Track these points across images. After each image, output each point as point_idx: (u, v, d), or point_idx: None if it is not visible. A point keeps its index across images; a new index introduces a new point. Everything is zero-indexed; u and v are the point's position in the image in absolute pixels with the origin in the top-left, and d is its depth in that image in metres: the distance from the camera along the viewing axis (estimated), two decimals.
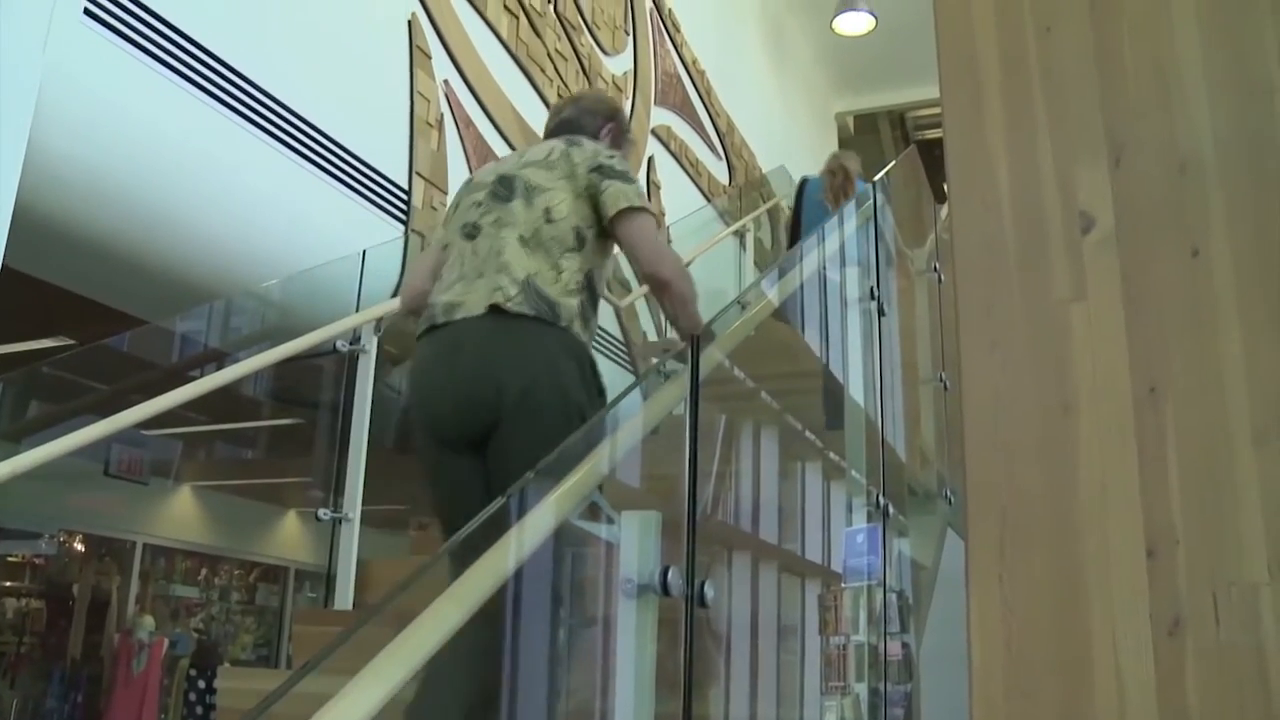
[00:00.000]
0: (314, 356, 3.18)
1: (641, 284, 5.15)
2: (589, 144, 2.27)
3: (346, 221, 3.73)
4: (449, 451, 2.08)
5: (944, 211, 3.77)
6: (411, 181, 4.05)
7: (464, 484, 2.06)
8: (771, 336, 2.85)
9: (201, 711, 6.84)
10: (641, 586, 1.51)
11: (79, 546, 7.73)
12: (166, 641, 7.14)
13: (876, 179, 3.74)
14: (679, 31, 7.09)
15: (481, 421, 2.01)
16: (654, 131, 6.51)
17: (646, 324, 5.68)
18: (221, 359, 3.51)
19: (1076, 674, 1.29)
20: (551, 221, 2.13)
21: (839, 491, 3.14)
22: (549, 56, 5.25)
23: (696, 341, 1.78)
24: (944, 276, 4.03)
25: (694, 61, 7.28)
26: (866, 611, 2.69)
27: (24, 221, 2.61)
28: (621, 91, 6.06)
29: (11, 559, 7.66)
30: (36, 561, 7.69)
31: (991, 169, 1.52)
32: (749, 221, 6.86)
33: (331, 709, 1.04)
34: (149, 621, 7.21)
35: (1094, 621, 1.30)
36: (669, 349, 4.62)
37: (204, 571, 8.64)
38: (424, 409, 2.12)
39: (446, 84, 4.40)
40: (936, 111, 1.66)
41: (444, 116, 4.35)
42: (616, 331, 5.24)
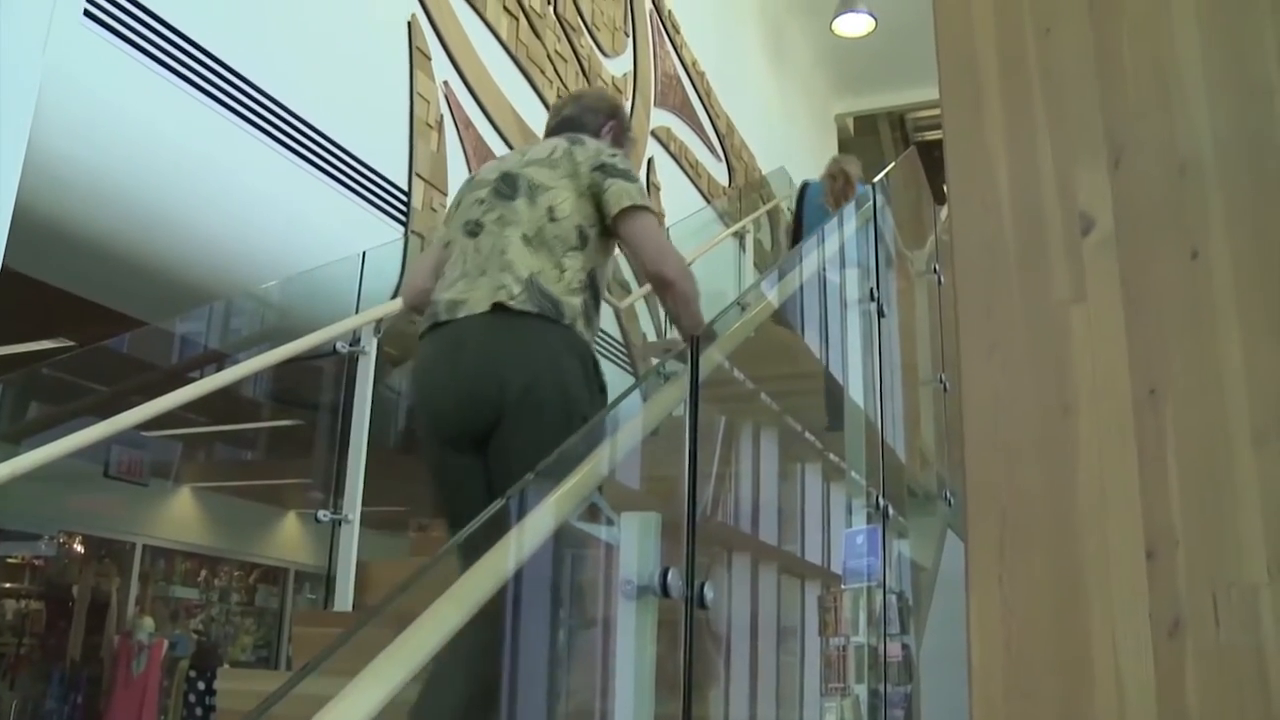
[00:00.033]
0: (314, 358, 3.18)
1: (642, 284, 5.17)
2: (591, 142, 2.27)
3: (346, 223, 3.73)
4: (452, 449, 2.08)
5: (944, 213, 3.77)
6: (411, 183, 4.06)
7: (467, 481, 2.07)
8: (771, 338, 2.85)
9: (201, 713, 6.83)
10: (641, 588, 1.51)
11: (79, 548, 7.73)
12: (166, 643, 7.14)
13: (876, 180, 3.74)
14: (679, 33, 7.09)
15: (484, 419, 2.01)
16: (654, 133, 6.52)
17: (646, 325, 5.68)
18: (221, 360, 3.52)
19: (1076, 675, 1.29)
20: (555, 220, 2.13)
21: (839, 493, 3.14)
22: (549, 58, 5.25)
23: (696, 343, 1.78)
24: (944, 278, 4.03)
25: (694, 63, 7.28)
26: (866, 613, 2.69)
27: (24, 222, 2.61)
28: (621, 93, 6.06)
29: (11, 560, 7.66)
30: (36, 563, 7.69)
31: (991, 170, 1.52)
32: (749, 223, 6.86)
33: (331, 710, 1.04)
34: (149, 623, 7.21)
35: (1094, 622, 1.30)
36: (669, 350, 4.62)
37: (204, 573, 8.64)
38: (426, 406, 2.12)
39: (446, 85, 4.41)
40: (936, 113, 1.66)
41: (444, 118, 4.35)
42: (616, 333, 5.24)
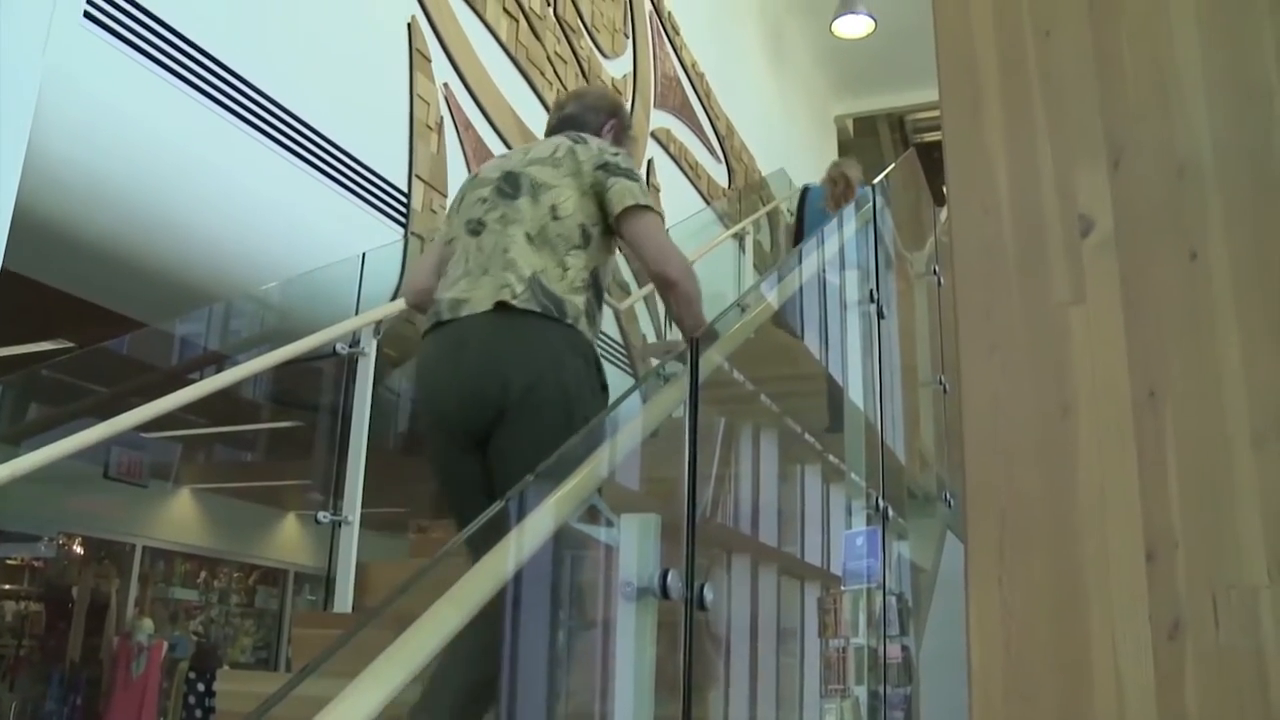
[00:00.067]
0: (313, 359, 3.18)
1: (642, 284, 5.17)
2: (594, 141, 2.27)
3: (346, 224, 3.73)
4: (455, 447, 2.09)
5: (943, 214, 3.77)
6: (411, 184, 4.06)
7: (471, 479, 2.08)
8: (771, 339, 2.85)
9: (201, 714, 6.83)
10: (641, 589, 1.51)
11: (78, 549, 7.73)
12: (166, 644, 7.15)
13: (876, 182, 3.74)
14: (678, 34, 7.09)
15: (486, 417, 2.01)
16: (654, 134, 6.52)
17: (646, 326, 5.68)
18: (221, 362, 3.51)
19: (1076, 677, 1.29)
20: (558, 219, 2.13)
21: (838, 494, 3.14)
22: (548, 59, 5.25)
23: (696, 344, 1.78)
24: (943, 279, 4.03)
25: (693, 64, 7.28)
26: (866, 614, 2.69)
27: (24, 224, 2.61)
28: (621, 94, 6.06)
29: (11, 562, 7.66)
30: (36, 564, 7.69)
31: (991, 172, 1.52)
32: (748, 224, 6.86)
33: (331, 712, 1.04)
34: (148, 624, 7.21)
35: (1093, 624, 1.30)
36: (669, 351, 4.62)
37: (203, 574, 8.64)
38: (429, 405, 2.13)
39: (446, 87, 4.41)
40: (936, 114, 1.66)
41: (443, 119, 4.35)
42: (616, 334, 5.24)
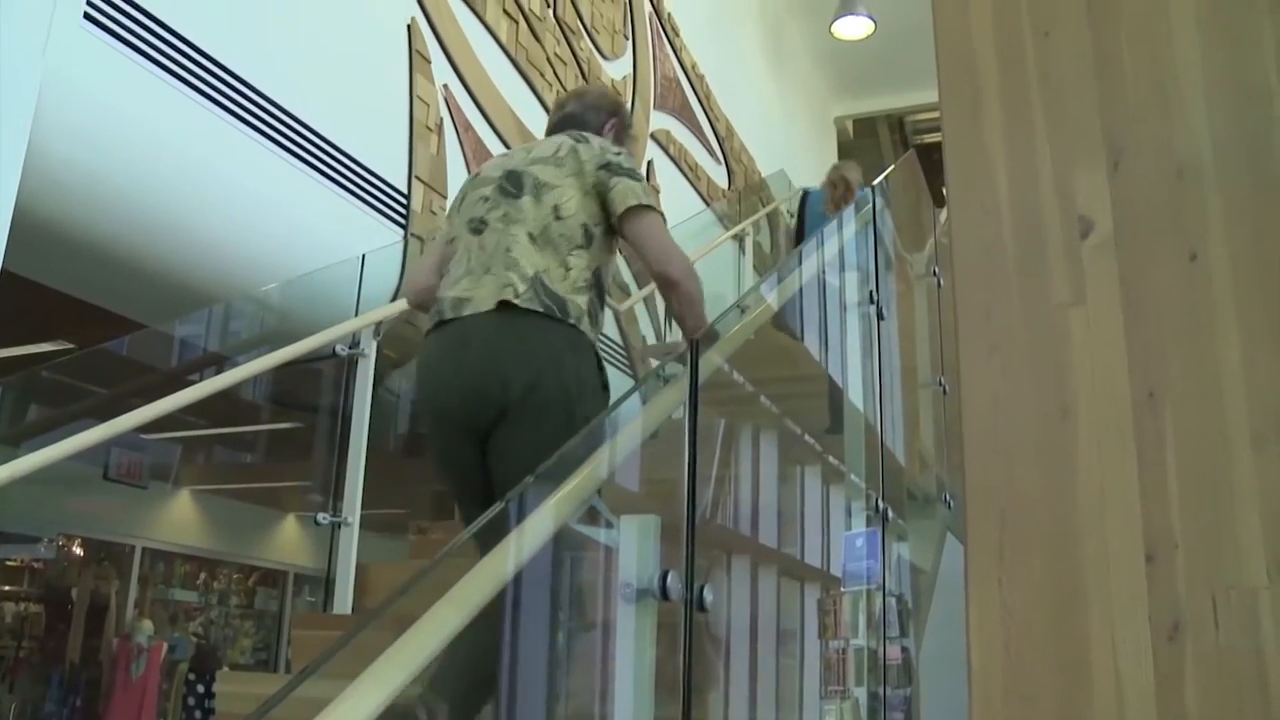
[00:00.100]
0: (313, 360, 3.18)
1: (642, 286, 5.18)
2: (596, 141, 2.27)
3: (346, 225, 3.73)
4: (456, 445, 2.10)
5: (943, 215, 3.77)
6: (411, 186, 4.06)
7: (475, 477, 2.09)
8: (771, 340, 2.85)
9: (200, 716, 6.83)
10: (640, 591, 1.51)
11: (78, 550, 7.73)
12: (165, 645, 7.14)
13: (875, 183, 3.74)
14: (678, 36, 7.09)
15: (488, 416, 2.02)
16: (653, 135, 6.52)
17: (646, 328, 5.68)
18: (221, 363, 3.51)
19: (1076, 678, 1.29)
20: (560, 219, 2.13)
21: (838, 496, 3.14)
22: (548, 61, 5.25)
23: (696, 345, 1.78)
24: (943, 280, 4.03)
25: (693, 66, 7.28)
26: (866, 615, 2.69)
27: (24, 225, 2.61)
28: (621, 95, 6.06)
29: (10, 563, 7.66)
30: (35, 566, 7.69)
31: (990, 173, 1.52)
32: (748, 225, 6.86)
33: (331, 713, 1.04)
34: (148, 626, 7.21)
35: (1093, 625, 1.30)
36: (669, 352, 4.62)
37: (203, 575, 8.64)
38: (431, 403, 2.14)
39: (446, 88, 4.41)
40: (935, 115, 1.66)
41: (443, 121, 4.35)
42: (615, 335, 5.24)
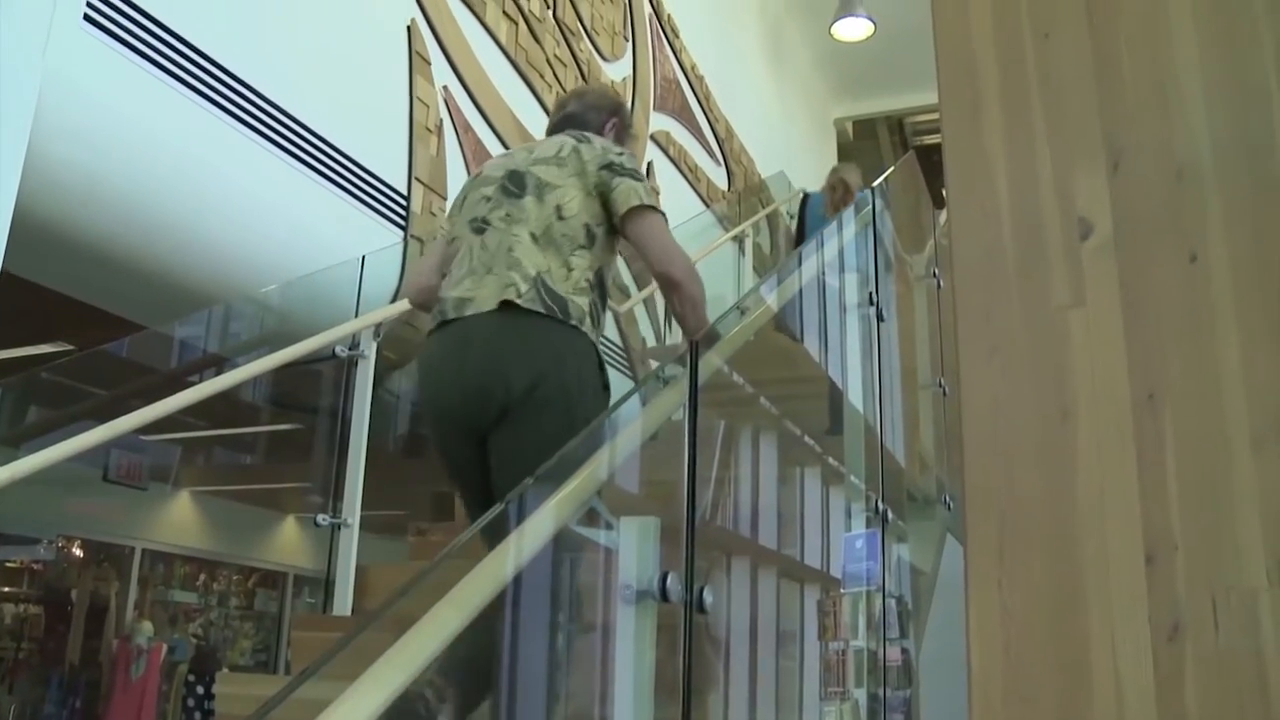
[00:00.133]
0: (313, 362, 3.18)
1: (642, 287, 5.17)
2: (598, 141, 2.27)
3: (345, 227, 3.73)
4: (457, 444, 2.11)
5: (943, 217, 3.76)
6: (410, 187, 4.06)
7: (478, 475, 2.10)
8: (771, 342, 2.85)
9: (200, 717, 6.83)
10: (640, 592, 1.51)
11: (77, 552, 7.73)
12: (165, 647, 7.14)
13: (875, 184, 3.74)
14: (678, 37, 7.09)
15: (489, 415, 2.02)
16: (653, 137, 6.52)
17: (645, 329, 5.68)
18: (220, 364, 3.52)
19: (1075, 679, 1.29)
20: (563, 219, 2.14)
21: (838, 497, 3.14)
22: (548, 62, 5.25)
23: (695, 347, 1.78)
24: (943, 282, 4.03)
25: (693, 67, 7.28)
26: (866, 617, 2.69)
27: (23, 226, 2.61)
28: (621, 96, 6.06)
29: (10, 564, 7.66)
30: (35, 567, 7.69)
31: (990, 175, 1.52)
32: (748, 227, 6.86)
33: (331, 715, 1.04)
34: (147, 627, 7.21)
35: (1093, 627, 1.30)
36: (669, 354, 4.62)
37: (203, 577, 8.64)
38: (433, 401, 2.15)
39: (445, 89, 4.41)
40: (935, 117, 1.66)
41: (443, 122, 4.35)
42: (615, 336, 5.24)
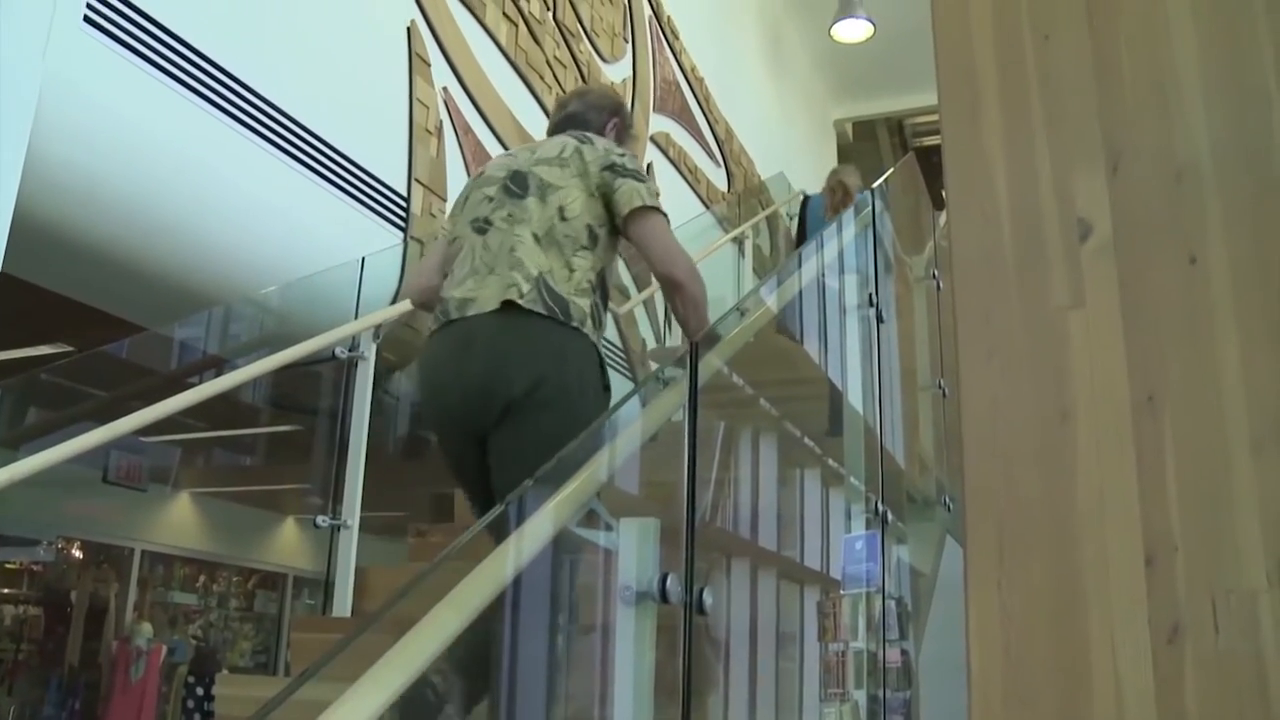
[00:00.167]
0: (312, 363, 3.18)
1: (642, 289, 5.17)
2: (600, 142, 2.27)
3: (345, 228, 3.73)
4: (458, 445, 2.13)
5: (942, 218, 3.77)
6: (410, 188, 4.06)
7: (477, 476, 2.11)
8: (771, 343, 2.85)
9: (199, 719, 6.83)
10: (640, 594, 1.51)
11: (77, 553, 7.73)
12: (164, 648, 7.14)
13: (875, 186, 3.74)
14: (678, 39, 7.09)
15: (490, 415, 2.03)
16: (653, 138, 6.52)
17: (645, 331, 5.68)
18: (220, 365, 3.52)
19: (1075, 681, 1.29)
20: (565, 219, 2.14)
21: (838, 498, 3.14)
22: (548, 64, 5.25)
23: (695, 348, 1.78)
24: (942, 283, 4.04)
25: (693, 69, 7.29)
26: (865, 618, 2.69)
27: (23, 228, 2.61)
28: (621, 96, 6.06)
29: (9, 566, 7.66)
30: (34, 568, 7.69)
31: (990, 176, 1.53)
32: (748, 228, 6.86)
33: (330, 716, 1.04)
34: (147, 628, 7.21)
35: (1093, 629, 1.30)
36: (669, 355, 4.62)
37: (202, 578, 8.64)
38: (434, 400, 2.16)
39: (445, 91, 4.41)
40: (935, 118, 1.67)
41: (443, 123, 4.35)
42: (615, 338, 5.24)
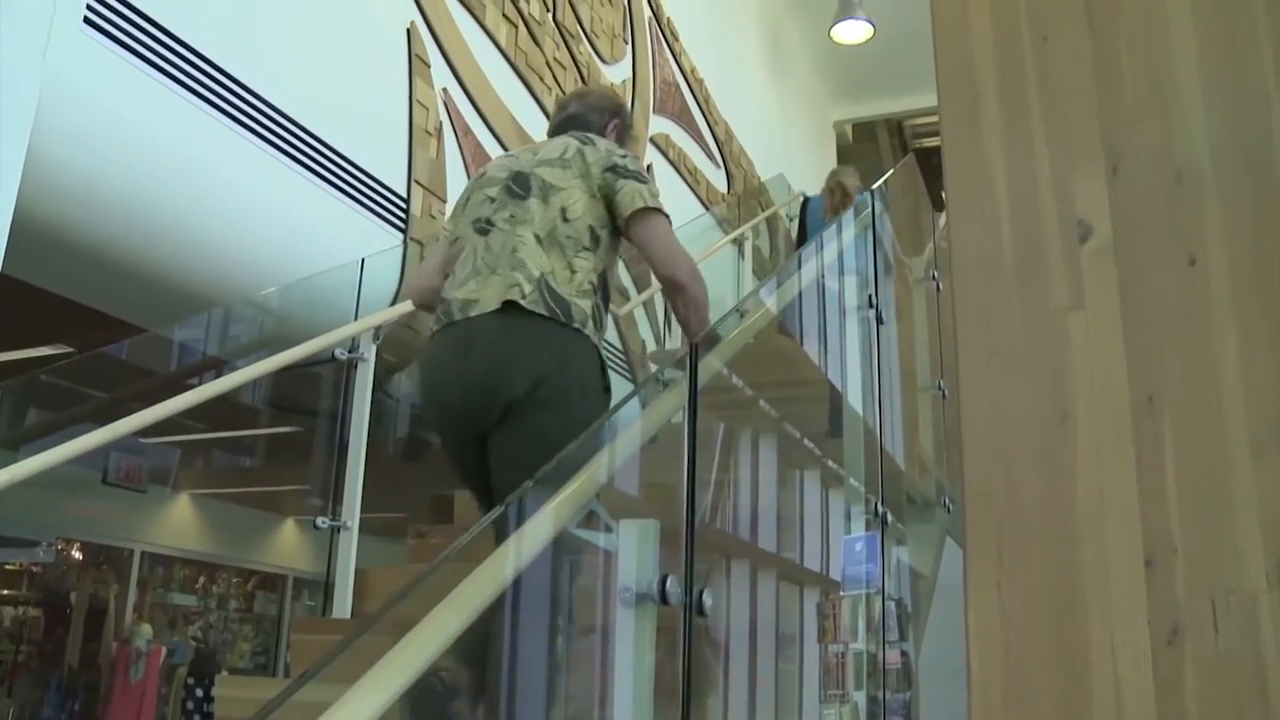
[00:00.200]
0: (312, 364, 3.18)
1: (641, 290, 5.17)
2: (602, 143, 2.28)
3: (345, 229, 3.73)
4: (459, 444, 2.13)
5: (942, 220, 3.77)
6: (410, 190, 4.06)
7: (479, 476, 2.12)
8: (770, 345, 2.85)
9: None
10: (640, 595, 1.51)
11: (77, 554, 7.73)
12: (164, 650, 7.14)
13: (874, 187, 3.74)
14: (677, 40, 7.10)
15: (491, 415, 2.03)
16: (653, 139, 6.52)
17: (645, 332, 5.68)
18: (220, 367, 3.51)
19: (1075, 682, 1.29)
20: (567, 220, 2.14)
21: (838, 499, 3.14)
22: (547, 65, 5.26)
23: (695, 350, 1.78)
24: (942, 284, 4.04)
25: (692, 70, 7.29)
26: (865, 619, 2.69)
27: (23, 229, 2.61)
28: (622, 97, 6.06)
29: (9, 567, 7.66)
30: (34, 569, 7.68)
31: (989, 177, 1.53)
32: (747, 230, 6.86)
33: (330, 717, 1.04)
34: (146, 630, 7.20)
35: (1092, 630, 1.30)
36: (669, 357, 4.62)
37: (202, 579, 8.64)
38: (435, 399, 2.16)
39: (445, 92, 4.41)
40: (934, 120, 1.67)
41: (443, 125, 4.35)
42: (614, 339, 5.24)
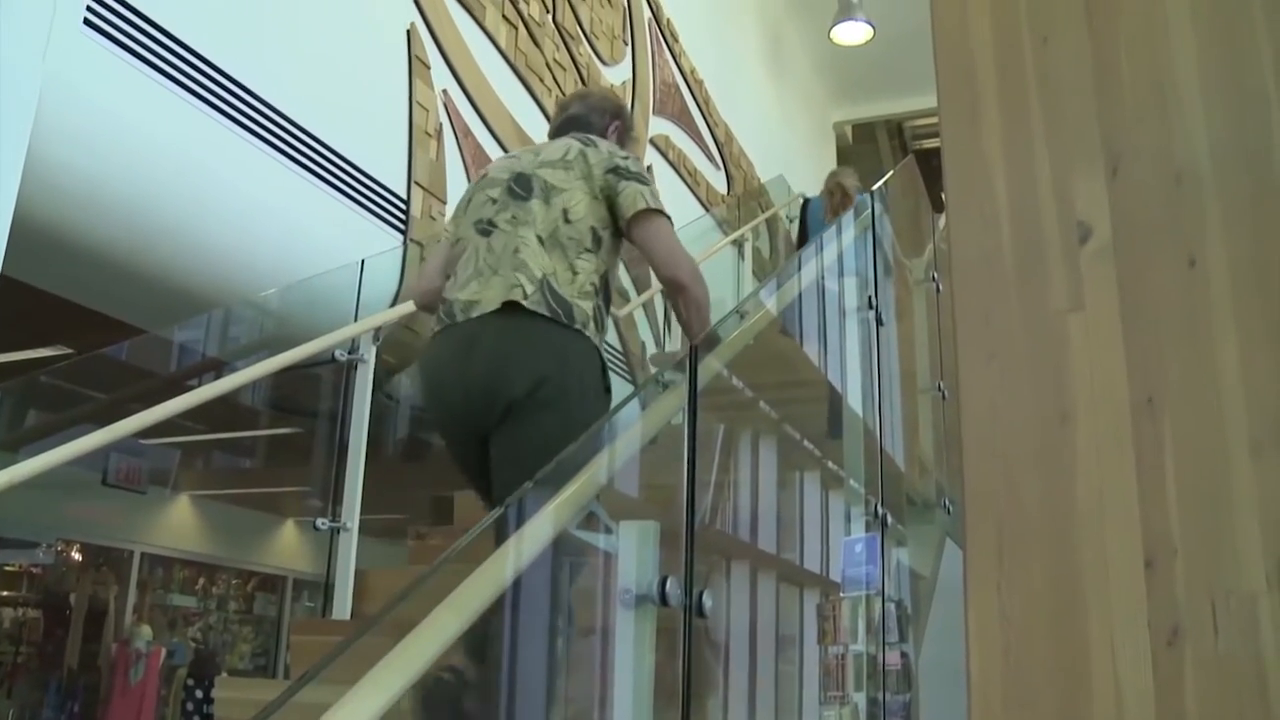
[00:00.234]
0: (312, 366, 3.18)
1: (641, 292, 5.18)
2: (603, 144, 2.28)
3: (345, 231, 3.74)
4: (461, 444, 2.14)
5: (942, 221, 3.77)
6: (410, 191, 4.06)
7: (480, 476, 2.13)
8: (770, 346, 2.85)
9: None
10: (640, 596, 1.51)
11: (76, 556, 7.73)
12: (164, 651, 7.14)
13: (874, 188, 3.74)
14: (677, 41, 7.10)
15: (492, 415, 2.04)
16: (652, 141, 6.52)
17: (645, 334, 5.68)
18: (220, 368, 3.51)
19: (1075, 684, 1.29)
20: (569, 222, 2.15)
21: (838, 501, 3.14)
22: (547, 66, 5.26)
23: (695, 351, 1.78)
24: (942, 286, 4.04)
25: (692, 71, 7.29)
26: (865, 621, 2.69)
27: (23, 230, 2.61)
28: (622, 98, 6.06)
29: (9, 568, 7.66)
30: (34, 571, 7.68)
31: (989, 178, 1.53)
32: (747, 231, 6.86)
33: (330, 719, 1.04)
34: (146, 631, 7.21)
35: (1092, 631, 1.30)
36: (669, 358, 4.62)
37: (201, 581, 8.64)
38: (436, 399, 2.17)
39: (445, 94, 4.41)
40: (934, 121, 1.67)
41: (443, 126, 4.35)
42: (614, 341, 5.24)
